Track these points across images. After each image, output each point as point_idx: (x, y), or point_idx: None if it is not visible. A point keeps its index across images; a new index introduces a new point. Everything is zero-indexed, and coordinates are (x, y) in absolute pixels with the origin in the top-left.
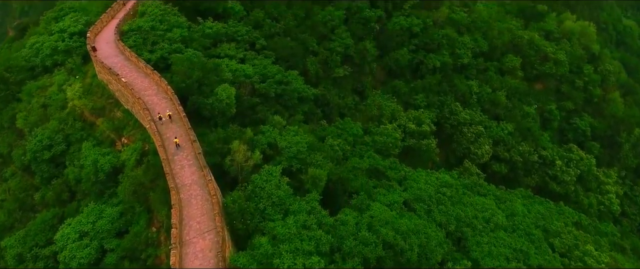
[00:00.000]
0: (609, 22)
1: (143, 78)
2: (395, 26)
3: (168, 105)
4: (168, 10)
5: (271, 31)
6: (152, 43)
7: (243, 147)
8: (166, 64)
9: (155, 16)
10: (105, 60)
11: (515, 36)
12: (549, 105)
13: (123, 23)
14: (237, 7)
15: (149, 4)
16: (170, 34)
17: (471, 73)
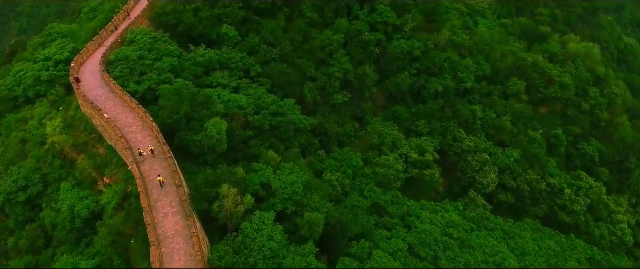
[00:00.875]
0: (610, 40)
1: (128, 113)
2: (396, 50)
3: (153, 142)
4: (159, 37)
5: (267, 57)
6: (140, 73)
7: (233, 192)
8: (154, 96)
9: (144, 45)
10: (89, 93)
11: (519, 59)
12: (555, 130)
13: (110, 52)
14: (232, 33)
15: (138, 32)
16: (159, 64)
17: (474, 97)
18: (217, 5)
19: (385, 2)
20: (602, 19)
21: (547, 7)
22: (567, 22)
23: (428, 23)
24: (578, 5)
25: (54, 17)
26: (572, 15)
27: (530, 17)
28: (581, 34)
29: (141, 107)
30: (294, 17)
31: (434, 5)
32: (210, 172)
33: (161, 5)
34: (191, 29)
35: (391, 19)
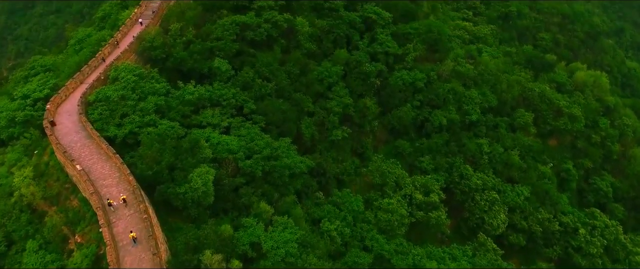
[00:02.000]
0: (613, 64)
1: (104, 162)
2: (398, 81)
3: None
4: (144, 74)
5: (262, 92)
6: (121, 115)
7: (217, 259)
8: (136, 140)
9: (127, 83)
10: (64, 138)
11: (525, 89)
12: (565, 163)
13: (90, 91)
14: (224, 67)
15: (122, 68)
16: (143, 104)
17: (481, 130)
18: (209, 38)
19: (385, 31)
20: (604, 42)
21: (549, 31)
22: (570, 46)
23: (430, 52)
24: (580, 29)
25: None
26: (574, 40)
27: (531, 42)
28: (584, 59)
29: (118, 156)
30: (290, 48)
31: (436, 34)
32: (192, 232)
33: (149, 38)
34: (181, 63)
35: (392, 49)
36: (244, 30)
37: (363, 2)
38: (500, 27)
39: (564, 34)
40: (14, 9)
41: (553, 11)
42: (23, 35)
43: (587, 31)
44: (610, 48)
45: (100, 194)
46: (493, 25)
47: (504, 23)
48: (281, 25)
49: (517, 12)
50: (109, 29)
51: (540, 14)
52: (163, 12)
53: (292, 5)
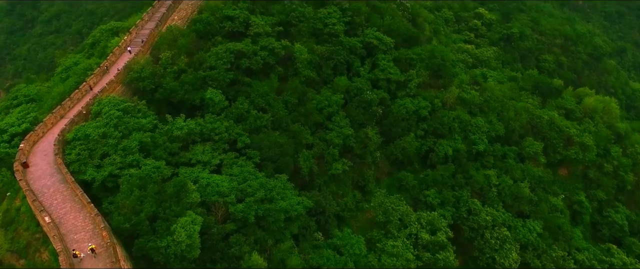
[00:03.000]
0: (616, 86)
1: (78, 211)
2: (400, 109)
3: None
4: (130, 108)
5: (257, 124)
6: (102, 155)
7: None
8: (116, 183)
9: (110, 119)
10: (36, 182)
11: (533, 116)
12: (577, 195)
13: (70, 127)
14: (218, 98)
15: (106, 102)
16: (126, 142)
17: (488, 161)
18: (202, 67)
19: (387, 56)
20: (607, 63)
21: (552, 53)
22: (573, 68)
23: (434, 78)
24: (582, 51)
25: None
26: (578, 62)
27: (534, 63)
28: (587, 80)
29: (92, 205)
30: (288, 76)
31: (440, 60)
32: None
33: (137, 68)
34: (171, 95)
35: (395, 75)
36: (239, 58)
37: (364, 27)
38: (503, 49)
39: (567, 56)
40: (14, 29)
41: (555, 33)
42: (21, 55)
43: (589, 53)
44: (614, 69)
45: (69, 252)
46: (495, 47)
47: (506, 45)
48: (278, 52)
49: (519, 34)
50: (97, 56)
51: (543, 35)
52: (154, 39)
53: (291, 31)
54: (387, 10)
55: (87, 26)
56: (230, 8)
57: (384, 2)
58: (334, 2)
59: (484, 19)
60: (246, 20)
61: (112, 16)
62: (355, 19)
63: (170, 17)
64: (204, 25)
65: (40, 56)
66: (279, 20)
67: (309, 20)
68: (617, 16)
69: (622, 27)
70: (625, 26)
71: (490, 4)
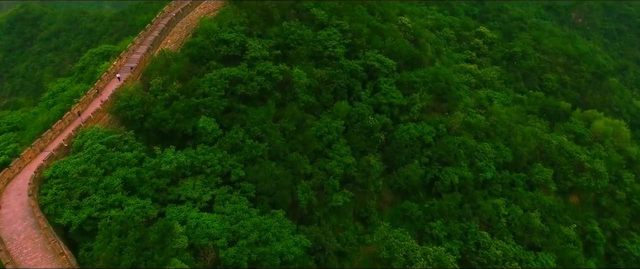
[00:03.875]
0: (621, 105)
1: (51, 261)
2: (404, 135)
3: None
4: (115, 140)
5: (253, 154)
6: (81, 195)
7: None
8: (95, 227)
9: (92, 154)
10: (6, 227)
11: (541, 141)
12: (590, 224)
13: (48, 163)
14: (211, 126)
15: (89, 134)
16: (108, 179)
17: (496, 189)
18: (195, 93)
19: (389, 80)
20: (610, 82)
21: (555, 72)
22: (577, 87)
23: (438, 102)
24: (586, 69)
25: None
26: (581, 81)
27: (537, 82)
28: (591, 99)
29: (66, 256)
30: (286, 101)
31: (444, 83)
32: None
33: (125, 96)
34: (161, 124)
35: (397, 100)
36: (234, 84)
37: (365, 49)
38: (505, 68)
39: (570, 75)
40: (13, 47)
41: (558, 52)
42: (19, 73)
43: (593, 71)
44: (617, 88)
45: None
46: (497, 67)
47: (508, 64)
48: (276, 77)
49: (522, 53)
50: (86, 82)
51: (545, 54)
52: (145, 64)
53: (289, 54)
54: (388, 31)
55: (86, 44)
56: (226, 31)
57: (385, 22)
58: (334, 23)
59: (486, 37)
60: (242, 44)
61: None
62: (356, 41)
63: (164, 41)
64: (198, 49)
65: (38, 74)
66: (276, 43)
67: (308, 43)
68: (617, 33)
69: (623, 45)
70: (626, 44)
71: (490, 23)
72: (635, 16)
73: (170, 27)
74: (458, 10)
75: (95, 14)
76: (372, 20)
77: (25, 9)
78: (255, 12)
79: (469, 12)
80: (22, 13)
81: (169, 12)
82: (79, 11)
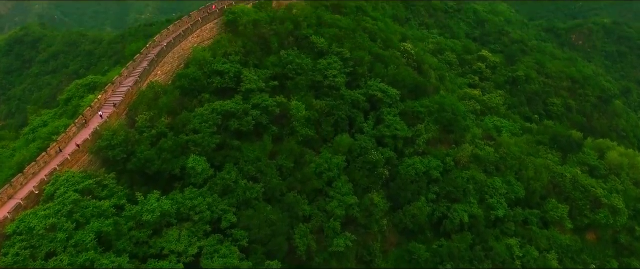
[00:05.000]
0: (627, 129)
1: None
2: (409, 170)
3: None
4: (92, 186)
5: (246, 196)
6: (47, 254)
7: None
8: None
9: (63, 204)
10: None
11: (554, 175)
12: (608, 263)
13: (13, 215)
14: (201, 166)
15: (63, 180)
16: (80, 235)
17: (508, 228)
18: (185, 129)
19: (393, 110)
20: (616, 106)
21: (559, 96)
22: (582, 111)
23: (444, 133)
24: (590, 93)
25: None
26: (586, 105)
27: (542, 107)
28: (598, 123)
29: None
30: (284, 135)
31: (450, 113)
32: None
33: (107, 135)
34: (146, 164)
35: (402, 132)
36: (227, 118)
37: (366, 78)
38: (509, 92)
39: (575, 99)
40: (11, 69)
41: (561, 75)
42: (16, 95)
43: (598, 95)
44: (623, 111)
45: None
46: (501, 91)
47: (512, 88)
48: (272, 110)
49: (525, 77)
50: (68, 116)
51: (549, 78)
52: (132, 98)
53: (287, 84)
54: (390, 58)
55: (85, 67)
56: (220, 62)
57: (387, 49)
58: (335, 51)
59: (488, 61)
60: (237, 75)
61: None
62: (357, 69)
63: (153, 72)
64: (189, 81)
65: (35, 96)
66: (274, 73)
67: (307, 73)
68: (618, 55)
69: (624, 66)
70: (627, 65)
71: (491, 45)
72: (635, 38)
73: (160, 57)
74: (458, 33)
75: (95, 37)
76: (374, 47)
77: (25, 32)
78: (252, 40)
79: (470, 35)
80: (22, 35)
81: (160, 41)
82: (78, 33)
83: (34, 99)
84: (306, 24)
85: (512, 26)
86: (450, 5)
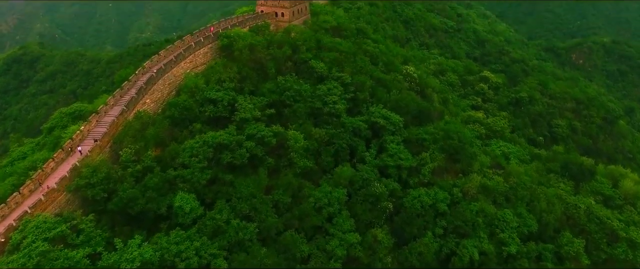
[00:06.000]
0: (634, 151)
1: None
2: (415, 203)
3: None
4: (65, 232)
5: (239, 237)
6: None
7: None
8: None
9: (29, 258)
10: None
11: (568, 206)
12: None
13: None
14: (189, 206)
15: (32, 227)
16: None
17: (522, 264)
18: (174, 162)
19: (396, 138)
20: (621, 127)
21: (564, 117)
22: (588, 133)
23: (451, 162)
24: (595, 114)
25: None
26: (592, 126)
27: (547, 129)
28: (603, 145)
29: None
30: (281, 167)
31: (457, 141)
32: None
33: (86, 173)
34: (129, 204)
35: (406, 161)
36: (220, 151)
37: (368, 104)
38: (512, 113)
39: (580, 120)
40: (8, 88)
41: (565, 96)
42: (12, 115)
43: (603, 116)
44: (629, 132)
45: None
46: (505, 112)
47: (515, 109)
48: (269, 141)
49: (529, 98)
50: (49, 148)
51: (553, 99)
52: (117, 129)
53: (284, 112)
54: (393, 82)
55: (82, 86)
56: (213, 89)
57: (389, 73)
58: (335, 76)
59: (490, 82)
60: (231, 103)
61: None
62: (358, 94)
63: (142, 100)
64: (180, 111)
65: (31, 116)
66: (270, 100)
67: (306, 100)
68: (619, 74)
69: (626, 85)
70: (629, 84)
71: (492, 65)
72: (636, 57)
73: (150, 85)
74: (459, 53)
75: (93, 56)
76: (376, 70)
77: (23, 51)
78: (248, 65)
79: (470, 55)
80: (20, 55)
81: (150, 67)
82: (77, 53)
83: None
84: (305, 47)
85: (512, 46)
86: (450, 25)
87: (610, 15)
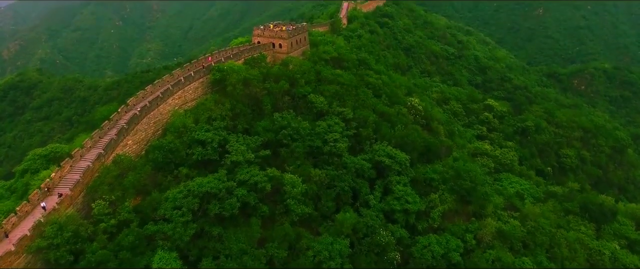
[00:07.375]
0: None
1: None
2: (425, 254)
3: None
4: None
5: None
6: None
7: None
8: None
9: None
10: None
11: (591, 252)
12: None
13: None
14: (169, 266)
15: None
16: None
17: None
18: (154, 215)
19: (402, 178)
20: (631, 156)
21: (572, 147)
22: (597, 163)
23: (462, 204)
24: (604, 143)
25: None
26: (601, 156)
27: (555, 159)
28: (614, 176)
29: None
30: (276, 215)
31: (468, 181)
32: None
33: (50, 231)
34: (100, 267)
35: (413, 205)
36: (207, 201)
37: (372, 141)
38: (518, 143)
39: (588, 150)
40: (3, 115)
41: (573, 125)
42: (7, 142)
43: (612, 145)
44: (638, 162)
45: None
46: (511, 142)
47: (522, 139)
48: (263, 187)
49: (535, 127)
50: (18, 196)
51: (560, 128)
52: (92, 177)
53: (281, 152)
54: (397, 116)
55: (78, 113)
56: (202, 129)
57: (393, 105)
58: (335, 111)
59: (495, 111)
60: (222, 144)
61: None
62: (361, 131)
63: (123, 142)
64: (164, 154)
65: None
66: (265, 140)
67: (304, 138)
68: (622, 100)
69: (629, 112)
70: (632, 110)
71: (495, 92)
72: (638, 83)
73: (132, 124)
74: (461, 80)
75: (91, 83)
76: (379, 103)
77: (21, 77)
78: (242, 101)
79: (472, 82)
80: (17, 81)
81: (135, 104)
82: (74, 79)
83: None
84: (304, 80)
85: (514, 72)
86: (451, 52)
87: (609, 40)
